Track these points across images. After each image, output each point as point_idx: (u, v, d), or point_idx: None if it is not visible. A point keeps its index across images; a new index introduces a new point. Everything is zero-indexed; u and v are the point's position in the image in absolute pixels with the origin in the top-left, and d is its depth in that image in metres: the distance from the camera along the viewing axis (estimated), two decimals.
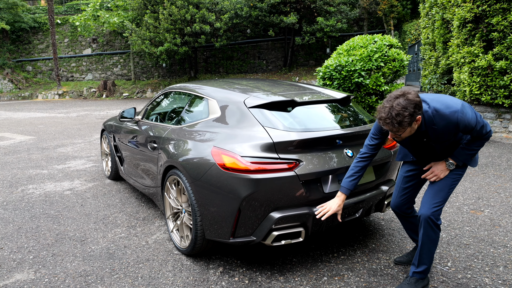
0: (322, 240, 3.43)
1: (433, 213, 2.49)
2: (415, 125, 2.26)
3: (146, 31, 19.51)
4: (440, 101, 2.34)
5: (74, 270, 3.02)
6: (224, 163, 2.69)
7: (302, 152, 2.75)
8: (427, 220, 2.50)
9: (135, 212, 4.19)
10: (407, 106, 2.16)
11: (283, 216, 2.64)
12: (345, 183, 2.60)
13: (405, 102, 2.16)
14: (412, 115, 2.17)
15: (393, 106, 2.18)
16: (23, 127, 11.20)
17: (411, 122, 2.19)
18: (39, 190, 5.08)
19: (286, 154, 2.72)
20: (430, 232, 2.52)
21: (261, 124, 2.87)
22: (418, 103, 2.19)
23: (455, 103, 2.32)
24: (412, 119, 2.18)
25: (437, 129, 2.36)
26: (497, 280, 2.75)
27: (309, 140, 2.75)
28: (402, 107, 2.16)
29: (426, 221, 2.51)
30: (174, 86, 4.17)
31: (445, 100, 2.35)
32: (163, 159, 3.38)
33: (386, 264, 3.00)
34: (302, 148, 2.76)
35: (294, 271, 2.93)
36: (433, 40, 10.19)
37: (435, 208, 2.49)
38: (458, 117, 2.29)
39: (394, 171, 3.37)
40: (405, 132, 2.28)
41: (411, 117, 2.17)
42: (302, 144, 2.74)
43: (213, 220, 2.81)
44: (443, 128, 2.34)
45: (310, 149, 2.78)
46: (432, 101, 2.35)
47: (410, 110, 2.16)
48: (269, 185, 2.60)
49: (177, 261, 3.12)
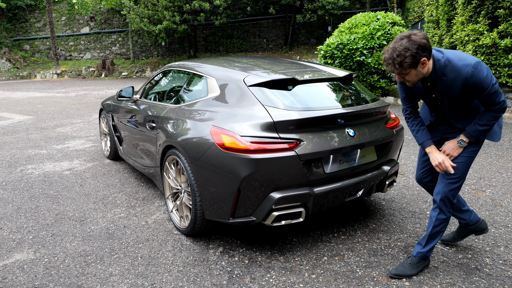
0: (322, 221, 3.41)
1: (448, 192, 2.47)
2: (422, 69, 2.21)
3: (145, 8, 19.14)
4: (456, 53, 2.28)
5: (74, 250, 3.01)
6: (224, 142, 2.64)
7: (303, 132, 2.69)
8: (441, 199, 2.49)
9: (134, 192, 4.17)
10: (409, 47, 2.12)
11: (283, 196, 2.60)
12: (422, 136, 2.54)
13: (408, 44, 2.13)
14: (414, 56, 2.12)
15: (396, 47, 2.15)
16: (21, 107, 11.11)
17: (414, 63, 2.15)
18: (38, 170, 5.06)
19: (286, 133, 2.67)
20: (443, 211, 2.51)
21: (261, 103, 2.81)
22: (423, 45, 2.13)
23: (471, 58, 2.23)
24: (414, 60, 2.13)
25: (445, 81, 2.27)
26: (498, 260, 2.75)
27: (310, 119, 2.69)
28: (404, 48, 2.12)
29: (441, 201, 2.49)
30: (173, 64, 4.08)
31: (461, 54, 2.27)
32: (162, 139, 3.33)
33: (387, 244, 2.99)
34: (303, 128, 2.70)
35: (294, 251, 2.92)
36: (437, 17, 9.99)
37: (450, 187, 2.47)
38: (469, 71, 2.19)
39: (396, 151, 3.32)
40: (410, 75, 2.23)
41: (413, 58, 2.12)
42: (303, 123, 2.69)
43: (213, 200, 2.78)
44: (451, 81, 2.26)
45: (311, 128, 2.73)
46: (448, 53, 2.29)
47: (412, 51, 2.11)
48: (269, 165, 2.55)
49: (176, 241, 3.11)
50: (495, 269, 2.64)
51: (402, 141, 3.42)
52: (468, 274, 2.59)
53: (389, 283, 2.51)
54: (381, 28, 8.88)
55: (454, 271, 2.62)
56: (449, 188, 2.47)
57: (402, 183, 4.24)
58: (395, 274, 2.57)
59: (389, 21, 9.03)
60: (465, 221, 2.79)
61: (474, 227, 2.82)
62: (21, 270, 2.74)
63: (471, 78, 2.20)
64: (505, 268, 2.66)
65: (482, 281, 2.51)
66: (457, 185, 2.48)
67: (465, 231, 2.88)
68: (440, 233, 2.57)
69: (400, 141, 3.35)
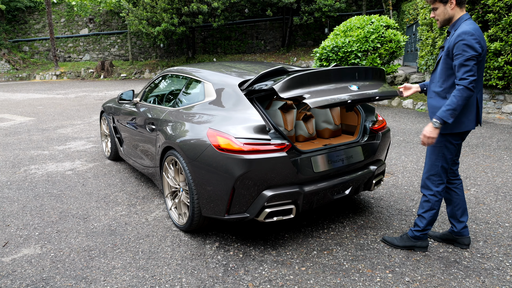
0: (313, 217, 3.60)
1: (422, 181, 2.94)
2: (449, 9, 2.63)
3: (143, 10, 19.33)
4: (475, 24, 2.59)
5: (78, 245, 3.19)
6: (219, 144, 2.83)
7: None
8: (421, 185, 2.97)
9: (135, 191, 4.35)
10: None
11: (275, 194, 2.79)
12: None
13: None
14: None
15: None
16: (22, 108, 11.27)
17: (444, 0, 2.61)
18: (41, 170, 5.23)
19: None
20: (424, 194, 2.93)
21: (254, 106, 2.99)
22: None
23: (480, 32, 2.55)
24: None
25: (451, 37, 2.62)
26: (476, 254, 2.94)
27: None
28: None
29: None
30: (172, 69, 4.27)
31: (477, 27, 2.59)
32: (161, 140, 3.51)
33: (373, 239, 3.18)
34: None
35: (286, 246, 3.11)
36: (431, 20, 10.18)
37: (422, 177, 2.92)
38: (463, 30, 2.52)
39: (383, 152, 3.52)
40: (438, 11, 2.67)
41: None
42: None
43: (209, 198, 2.96)
44: (451, 37, 2.62)
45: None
46: (470, 21, 2.61)
47: None
48: (261, 165, 2.74)
49: (175, 237, 3.29)
50: (473, 262, 2.83)
51: (389, 142, 3.61)
52: (447, 267, 2.78)
53: (373, 274, 2.70)
54: (375, 31, 9.08)
55: (434, 264, 2.81)
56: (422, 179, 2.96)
57: (391, 182, 4.44)
58: (384, 240, 3.12)
59: (383, 24, 9.23)
60: (455, 229, 3.01)
61: (458, 238, 3.03)
62: (29, 264, 2.92)
63: (458, 36, 2.53)
64: (482, 261, 2.85)
65: (460, 273, 2.70)
66: (425, 177, 2.90)
67: (448, 236, 3.08)
68: (423, 208, 2.91)
69: (387, 142, 3.54)
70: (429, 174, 2.85)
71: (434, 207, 2.87)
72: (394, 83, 11.69)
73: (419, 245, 2.97)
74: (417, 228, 2.95)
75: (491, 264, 2.80)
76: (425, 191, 2.90)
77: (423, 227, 2.92)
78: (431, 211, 2.88)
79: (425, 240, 2.97)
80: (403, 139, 6.40)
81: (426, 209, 2.89)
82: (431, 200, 2.87)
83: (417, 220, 2.97)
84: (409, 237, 2.99)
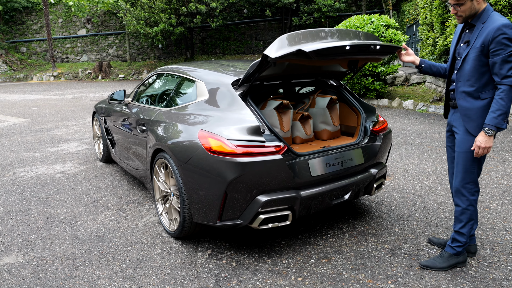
0: (311, 223, 3.44)
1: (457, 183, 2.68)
2: (476, 4, 2.41)
3: (141, 11, 19.15)
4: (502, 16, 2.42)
5: (63, 253, 3.02)
6: (211, 146, 2.66)
7: None
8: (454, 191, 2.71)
9: (126, 195, 4.19)
10: None
11: (269, 199, 2.63)
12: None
13: None
14: None
15: None
16: (17, 109, 11.10)
17: None
18: (30, 173, 5.06)
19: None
20: (457, 203, 2.68)
21: (248, 107, 2.83)
22: None
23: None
24: None
25: (481, 28, 2.40)
26: (483, 263, 2.77)
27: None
28: None
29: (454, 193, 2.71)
30: (164, 68, 4.10)
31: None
32: (152, 142, 3.35)
33: (374, 247, 3.01)
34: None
35: (282, 254, 2.94)
36: (431, 20, 10.04)
37: (455, 186, 2.68)
38: (502, 23, 2.31)
39: (384, 154, 3.35)
40: (465, 6, 2.42)
41: None
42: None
43: (201, 203, 2.79)
44: (483, 30, 2.39)
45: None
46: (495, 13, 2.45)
47: None
48: (255, 168, 2.58)
49: (165, 244, 3.12)
50: (480, 272, 2.67)
51: (390, 144, 3.45)
52: (453, 277, 2.61)
53: (375, 285, 2.54)
54: (375, 31, 8.93)
55: (439, 274, 2.65)
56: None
57: (392, 186, 4.27)
58: (424, 265, 2.71)
59: (384, 24, 9.08)
60: None
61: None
62: (9, 274, 2.75)
63: (498, 30, 2.31)
64: (490, 270, 2.68)
65: (467, 283, 2.54)
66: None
67: None
68: (461, 222, 2.64)
69: (388, 144, 3.37)
70: (464, 182, 2.59)
71: (472, 217, 2.63)
72: (394, 84, 11.54)
73: (462, 260, 2.72)
74: (458, 244, 2.67)
75: (499, 274, 2.63)
76: (461, 202, 2.62)
77: (464, 242, 2.66)
78: (469, 223, 2.64)
79: (464, 253, 2.74)
80: (404, 141, 6.24)
81: (464, 221, 2.63)
82: (468, 211, 2.61)
83: (455, 235, 2.68)
84: (451, 254, 2.69)
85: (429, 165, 4.94)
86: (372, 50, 2.72)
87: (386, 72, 9.27)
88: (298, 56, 2.54)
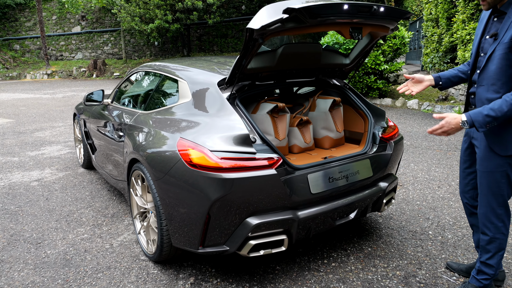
0: (311, 243, 3.00)
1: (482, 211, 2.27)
2: None
3: (136, 7, 18.66)
4: None
5: (21, 281, 2.58)
6: (191, 158, 2.23)
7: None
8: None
9: (104, 208, 3.75)
10: None
11: (261, 222, 2.19)
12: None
13: None
14: None
15: None
16: (3, 109, 10.64)
17: None
18: (4, 180, 4.62)
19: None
20: (484, 232, 2.26)
21: (237, 111, 2.40)
22: None
23: None
24: None
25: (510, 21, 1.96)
26: None
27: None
28: None
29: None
30: (146, 65, 3.67)
31: None
32: (128, 150, 2.91)
33: (384, 274, 2.58)
34: None
35: (277, 283, 2.51)
36: (436, 16, 9.60)
37: (481, 212, 2.26)
38: None
39: (395, 165, 2.92)
40: None
41: None
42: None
43: (180, 225, 2.36)
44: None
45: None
46: None
47: None
48: (244, 185, 2.14)
49: (142, 270, 2.69)
50: None
51: (402, 152, 3.02)
52: None
53: None
54: None
55: None
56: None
57: (401, 196, 3.84)
58: None
59: None
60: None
61: None
62: None
63: None
64: None
65: None
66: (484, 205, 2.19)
67: None
68: (489, 253, 2.22)
69: (400, 152, 2.94)
70: (490, 207, 2.17)
71: (502, 246, 2.20)
72: (397, 82, 11.10)
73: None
74: (486, 277, 2.26)
75: None
76: (488, 230, 2.20)
77: (492, 274, 2.24)
78: (499, 253, 2.21)
79: (492, 285, 2.32)
80: (410, 144, 5.81)
81: (493, 252, 2.21)
82: (497, 239, 2.18)
83: (482, 267, 2.26)
84: (477, 287, 2.30)
85: (440, 172, 4.51)
86: (375, 13, 2.26)
87: (390, 70, 8.83)
88: (289, 22, 2.07)
